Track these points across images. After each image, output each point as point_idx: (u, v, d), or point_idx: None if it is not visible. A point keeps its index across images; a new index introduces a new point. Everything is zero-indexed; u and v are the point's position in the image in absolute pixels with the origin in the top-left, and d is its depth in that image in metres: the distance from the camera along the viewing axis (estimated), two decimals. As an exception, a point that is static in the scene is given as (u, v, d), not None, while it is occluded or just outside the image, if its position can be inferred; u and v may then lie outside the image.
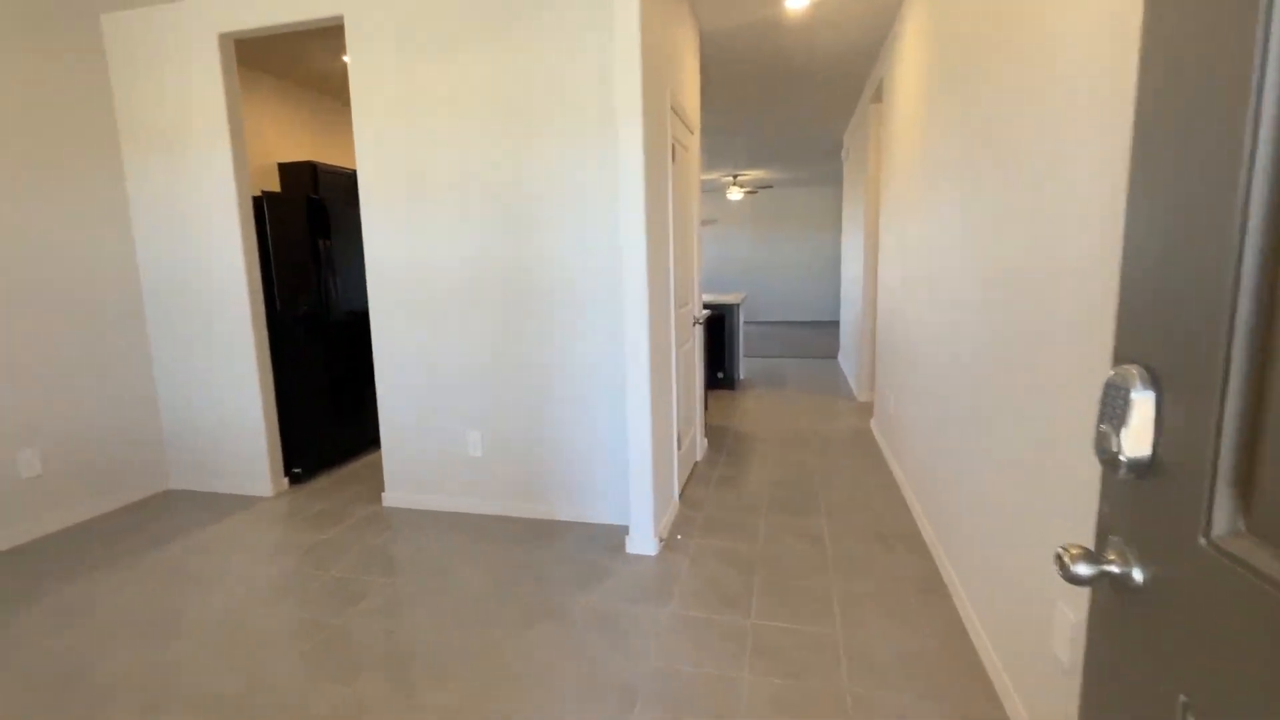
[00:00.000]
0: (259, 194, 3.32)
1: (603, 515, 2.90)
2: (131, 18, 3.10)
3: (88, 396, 3.12)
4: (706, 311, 4.22)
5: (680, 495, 3.15)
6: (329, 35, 3.61)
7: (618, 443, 2.83)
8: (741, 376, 6.26)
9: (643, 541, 2.57)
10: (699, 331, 3.65)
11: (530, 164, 2.72)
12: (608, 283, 2.73)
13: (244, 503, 3.27)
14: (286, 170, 4.24)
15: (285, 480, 3.46)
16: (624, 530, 2.79)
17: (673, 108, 2.87)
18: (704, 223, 11.64)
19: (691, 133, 3.43)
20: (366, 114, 2.90)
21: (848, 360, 6.25)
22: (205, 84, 3.06)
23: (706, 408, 4.82)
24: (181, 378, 3.39)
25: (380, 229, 2.98)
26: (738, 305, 5.78)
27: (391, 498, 3.17)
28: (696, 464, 3.68)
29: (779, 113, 5.73)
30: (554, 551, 2.62)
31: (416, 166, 2.88)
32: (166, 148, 3.16)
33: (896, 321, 3.48)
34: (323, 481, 3.55)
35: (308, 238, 3.56)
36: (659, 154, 2.63)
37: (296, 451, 3.51)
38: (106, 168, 3.19)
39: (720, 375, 5.74)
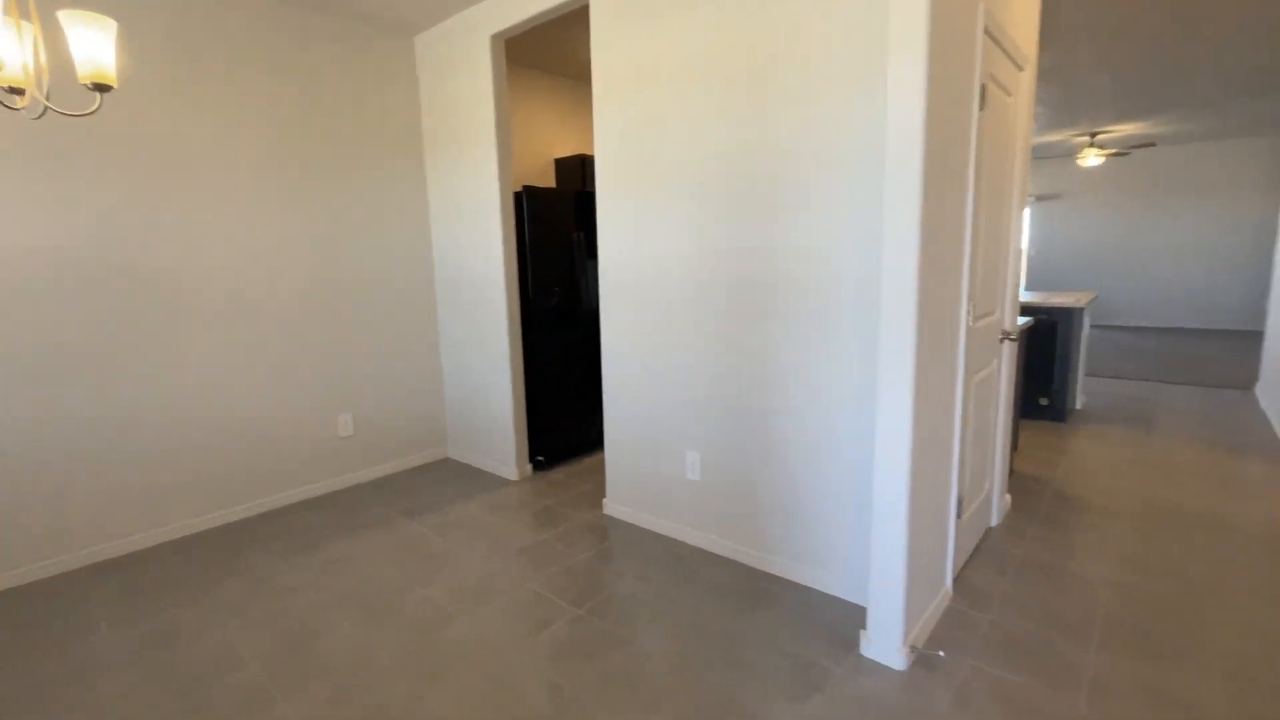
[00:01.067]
0: (520, 189, 3.42)
1: (834, 583, 2.23)
2: (434, 34, 3.42)
3: (391, 372, 3.63)
4: (1026, 320, 3.08)
5: (956, 579, 2.29)
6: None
7: (862, 494, 2.12)
8: (1077, 406, 4.65)
9: (883, 646, 1.86)
10: (1009, 350, 2.62)
11: (773, 136, 2.15)
12: (864, 287, 2.03)
13: (493, 483, 3.45)
14: (561, 165, 4.40)
15: (529, 467, 3.58)
16: (859, 613, 2.10)
17: (988, 30, 1.98)
18: (1038, 199, 9.29)
19: (1020, 69, 2.42)
20: (603, 94, 2.68)
21: (1276, 396, 4.14)
22: (479, 85, 3.22)
23: (1015, 447, 3.61)
24: (458, 360, 3.74)
25: (610, 218, 2.76)
26: (1080, 309, 4.25)
27: (611, 507, 2.99)
28: (990, 531, 2.69)
29: (1183, 29, 3.96)
30: (763, 624, 2.07)
31: (646, 148, 2.56)
32: (453, 149, 3.44)
33: None
34: (560, 473, 3.58)
35: (565, 231, 3.57)
36: (956, 99, 1.81)
37: (541, 440, 3.60)
38: (414, 173, 3.62)
39: (1043, 402, 4.32)
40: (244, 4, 2.90)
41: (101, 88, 1.52)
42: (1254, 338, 7.68)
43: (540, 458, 3.61)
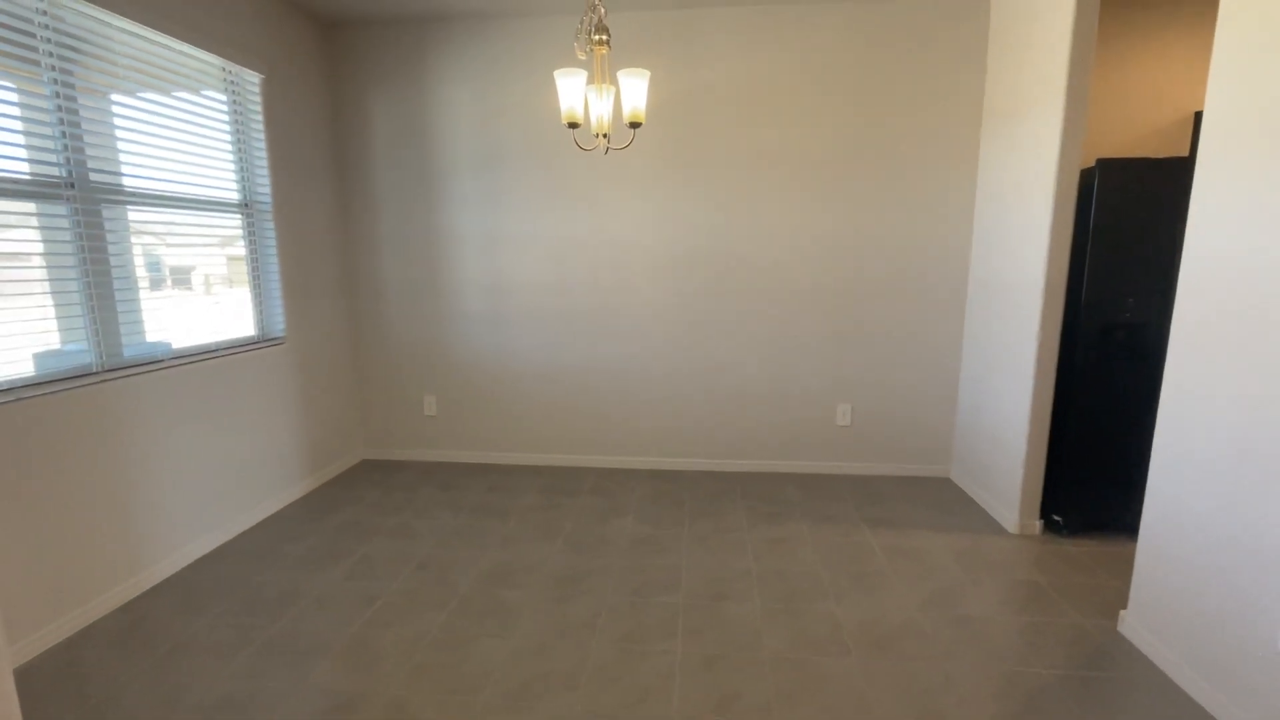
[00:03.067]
0: (1090, 165, 2.55)
1: None
2: (1014, -15, 2.87)
3: (896, 373, 3.45)
4: None
5: None
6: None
7: None
8: None
9: None
10: None
11: None
12: None
13: (982, 525, 2.88)
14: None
15: (1038, 523, 2.80)
16: None
17: None
18: None
19: None
20: (1233, 20, 1.67)
21: None
22: (1055, 25, 2.53)
23: None
24: (976, 372, 3.21)
25: (1219, 199, 1.75)
26: None
27: (1130, 627, 2.04)
28: None
29: None
30: None
31: (1310, 76, 1.47)
32: (1012, 120, 2.86)
33: None
34: (1079, 547, 2.65)
35: (1159, 220, 2.49)
36: None
37: (1064, 494, 2.74)
38: (967, 157, 3.21)
39: None
40: (806, 9, 3.15)
41: (635, 125, 1.99)
42: None
43: (1057, 517, 2.76)
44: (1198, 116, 3.07)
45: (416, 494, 3.29)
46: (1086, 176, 2.55)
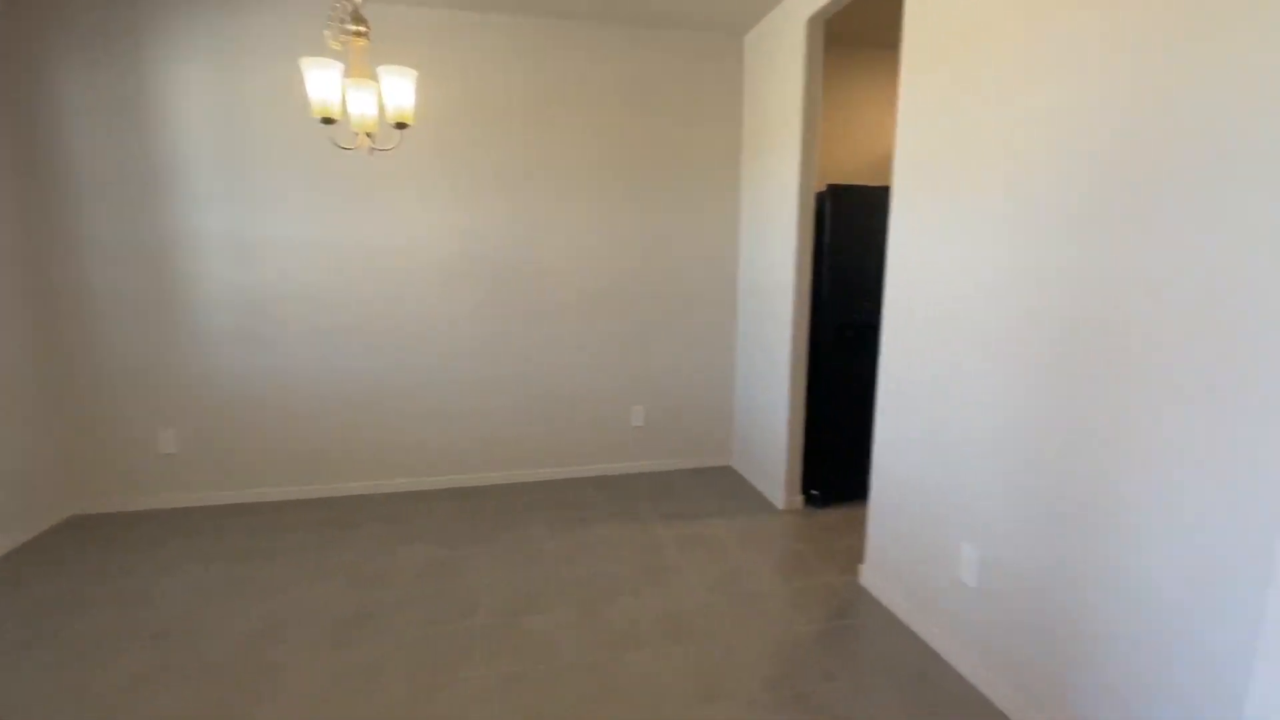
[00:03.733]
0: (822, 188, 3.02)
1: (1182, 846, 1.32)
2: (759, 30, 3.27)
3: (684, 374, 3.71)
4: None
5: None
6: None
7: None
8: None
9: None
10: None
11: (1192, 89, 1.32)
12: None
13: (758, 507, 3.22)
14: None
15: (800, 499, 3.21)
16: None
17: None
18: None
19: None
20: (912, 57, 2.11)
21: None
22: (790, 75, 2.94)
23: None
24: (747, 370, 3.59)
25: (904, 218, 2.18)
26: None
27: (868, 577, 2.44)
28: None
29: None
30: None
31: (955, 123, 1.90)
32: (764, 149, 3.25)
33: None
34: (831, 515, 3.11)
35: (879, 236, 3.03)
36: None
37: (820, 471, 3.18)
38: (730, 177, 3.57)
39: None
40: (583, 28, 3.27)
41: (401, 126, 1.87)
42: None
43: (815, 491, 3.20)
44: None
45: (151, 549, 2.73)
46: (821, 199, 3.00)
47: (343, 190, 3.12)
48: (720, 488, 3.48)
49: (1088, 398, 1.50)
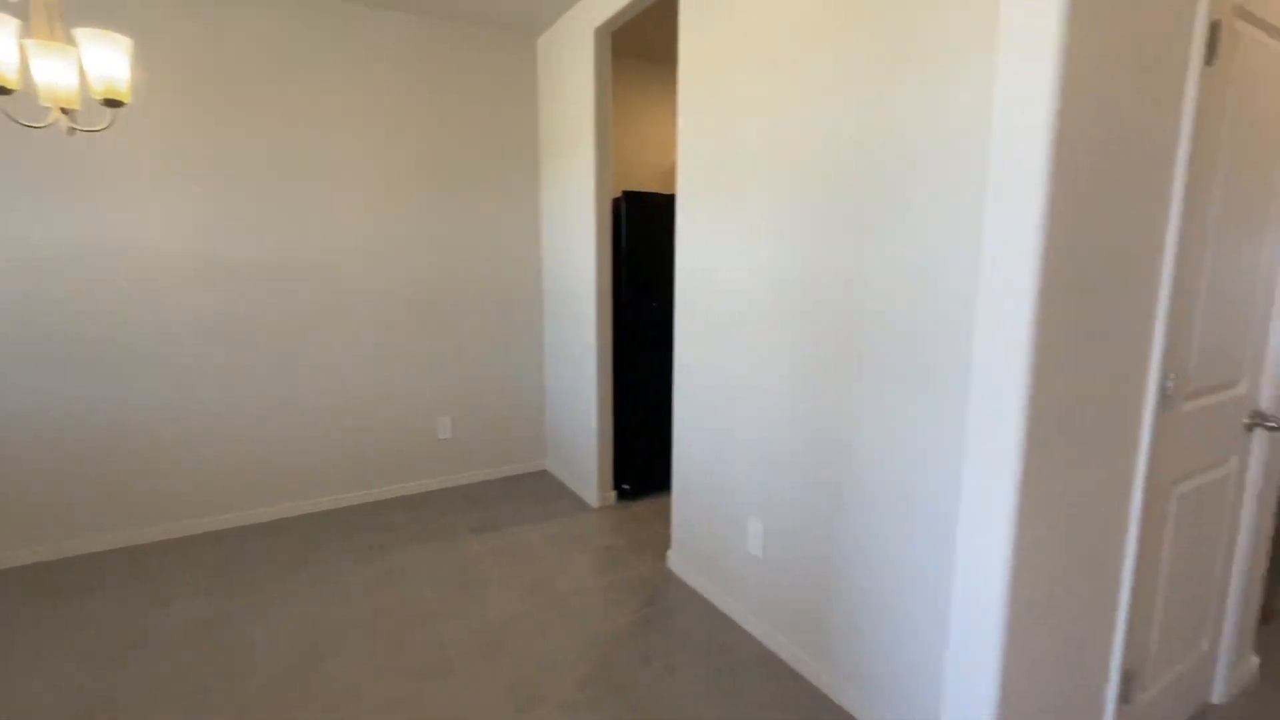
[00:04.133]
0: (618, 195, 3.14)
1: (919, 747, 1.59)
2: (552, 33, 3.29)
3: (494, 380, 3.61)
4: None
5: (1119, 786, 1.50)
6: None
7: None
8: None
9: None
10: (1267, 443, 1.68)
11: (880, 120, 1.57)
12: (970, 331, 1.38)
13: (572, 507, 3.24)
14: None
15: (613, 494, 3.31)
16: (944, 809, 1.45)
17: (1238, -69, 1.21)
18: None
19: (1324, -4, 1.49)
20: (689, 78, 2.27)
21: None
22: (582, 84, 3.00)
23: (1292, 574, 2.43)
24: (557, 372, 3.60)
25: (687, 225, 2.34)
26: None
27: (675, 562, 2.59)
28: (1209, 709, 1.77)
29: None
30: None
31: (724, 141, 2.10)
32: (562, 154, 3.28)
33: None
34: (641, 507, 3.25)
35: (666, 240, 3.22)
36: (1148, 45, 1.11)
37: (630, 466, 3.30)
38: (530, 179, 3.55)
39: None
40: (370, 13, 3.02)
41: (113, 103, 1.55)
42: None
43: (626, 486, 3.32)
44: (686, 164, 4.07)
45: None
46: (618, 204, 3.11)
47: (60, 179, 2.51)
48: (535, 493, 3.45)
49: (840, 382, 1.74)
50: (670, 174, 4.05)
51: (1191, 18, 1.17)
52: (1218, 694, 1.78)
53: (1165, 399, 1.32)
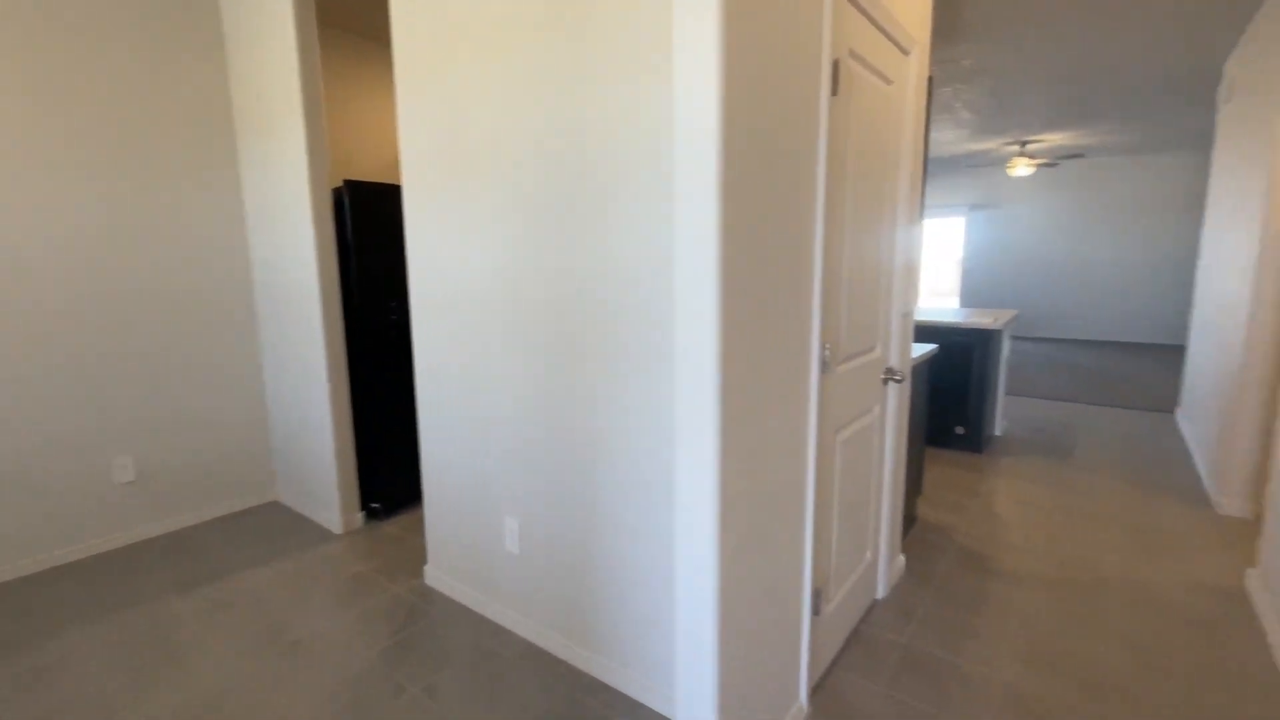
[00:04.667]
0: (340, 184, 2.83)
1: (665, 699, 1.74)
2: (238, -7, 2.81)
3: (196, 401, 2.99)
4: (928, 349, 2.68)
5: (816, 689, 1.83)
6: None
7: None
8: (997, 432, 4.33)
9: (695, 813, 1.37)
10: (898, 392, 2.19)
11: (591, 117, 1.64)
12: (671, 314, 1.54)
13: (312, 538, 2.86)
14: None
15: (360, 516, 2.99)
16: (691, 748, 1.61)
17: (846, -10, 1.53)
18: (972, 208, 9.13)
19: (905, 52, 1.98)
20: (404, 67, 2.13)
21: (1197, 422, 3.88)
22: (285, 57, 2.62)
23: (920, 492, 3.23)
24: (281, 385, 3.12)
25: (414, 222, 2.21)
26: (998, 331, 3.91)
27: (433, 576, 2.44)
28: (875, 606, 2.26)
29: (1102, 32, 3.66)
30: (559, 765, 1.56)
31: (448, 133, 2.02)
32: (266, 135, 2.83)
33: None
34: (395, 525, 3.00)
35: (397, 234, 3.00)
36: (789, 78, 1.34)
37: (378, 483, 3.02)
38: (227, 164, 2.99)
39: (959, 431, 3.97)
40: (-53, -64, 2.24)
41: None
42: (1175, 352, 7.64)
43: (376, 505, 3.03)
44: (421, 155, 3.84)
45: None
46: (339, 195, 2.80)
47: None
48: (262, 529, 2.96)
49: (578, 371, 1.79)
50: (396, 163, 3.78)
51: (819, 57, 1.44)
52: (881, 591, 2.29)
53: (825, 365, 1.63)
